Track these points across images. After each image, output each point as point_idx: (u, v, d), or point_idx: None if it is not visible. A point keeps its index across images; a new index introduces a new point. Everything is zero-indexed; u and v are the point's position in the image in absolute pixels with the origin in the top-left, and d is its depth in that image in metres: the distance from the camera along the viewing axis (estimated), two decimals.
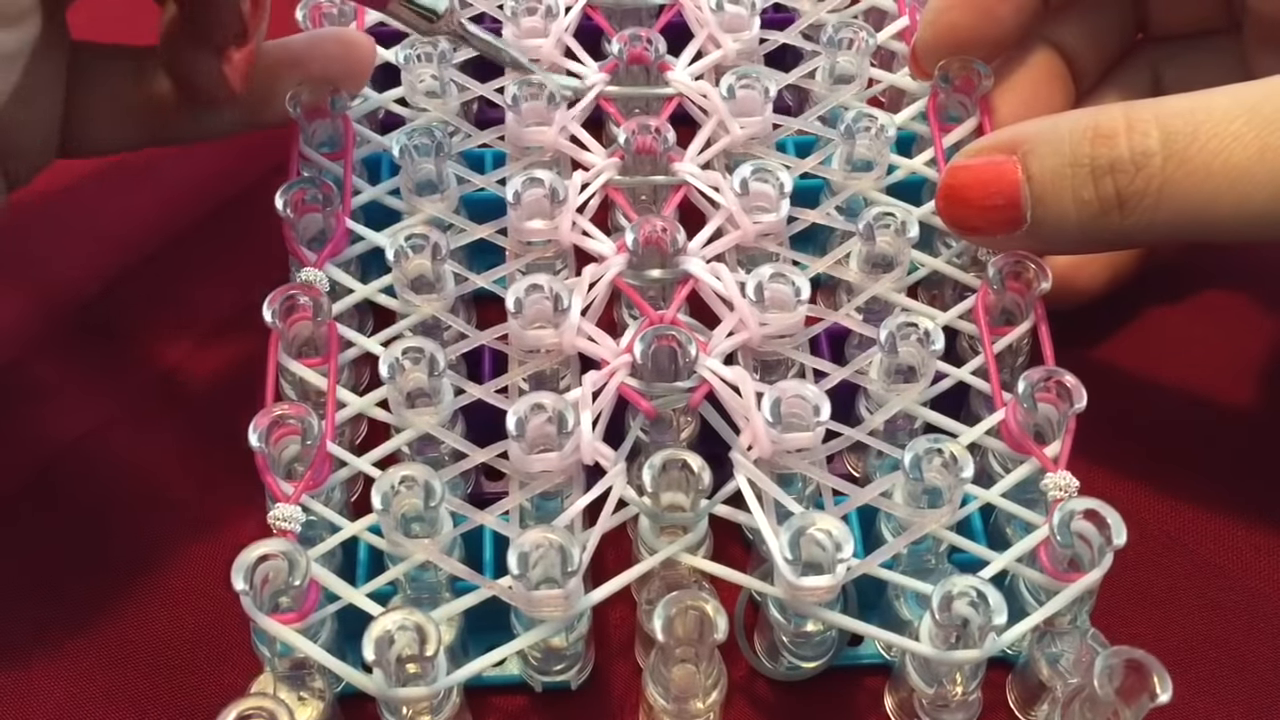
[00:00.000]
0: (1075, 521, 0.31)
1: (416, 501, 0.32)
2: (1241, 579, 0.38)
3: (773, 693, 0.36)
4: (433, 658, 0.29)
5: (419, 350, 0.34)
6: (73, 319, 0.44)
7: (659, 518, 0.33)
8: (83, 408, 0.42)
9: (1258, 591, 0.38)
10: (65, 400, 0.42)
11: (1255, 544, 0.39)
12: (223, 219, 0.47)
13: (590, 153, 0.40)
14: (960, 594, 0.30)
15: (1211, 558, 0.39)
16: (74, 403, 0.42)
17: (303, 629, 0.31)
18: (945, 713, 0.33)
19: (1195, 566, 0.38)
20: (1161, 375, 0.42)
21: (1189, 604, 0.38)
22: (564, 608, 0.31)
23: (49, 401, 0.42)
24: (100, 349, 0.43)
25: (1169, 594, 0.38)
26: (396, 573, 0.32)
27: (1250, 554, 0.39)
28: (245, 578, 0.30)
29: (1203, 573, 0.38)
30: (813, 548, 0.31)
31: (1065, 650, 0.33)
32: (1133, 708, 0.29)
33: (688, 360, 0.34)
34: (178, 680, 0.37)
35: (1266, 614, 0.38)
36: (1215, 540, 0.39)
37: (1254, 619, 0.37)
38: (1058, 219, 0.34)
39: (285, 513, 0.32)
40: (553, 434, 0.33)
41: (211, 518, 0.39)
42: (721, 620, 0.30)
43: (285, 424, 0.33)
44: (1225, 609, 0.38)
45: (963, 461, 0.32)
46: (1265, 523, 0.39)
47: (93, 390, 0.42)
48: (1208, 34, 0.41)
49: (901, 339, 0.35)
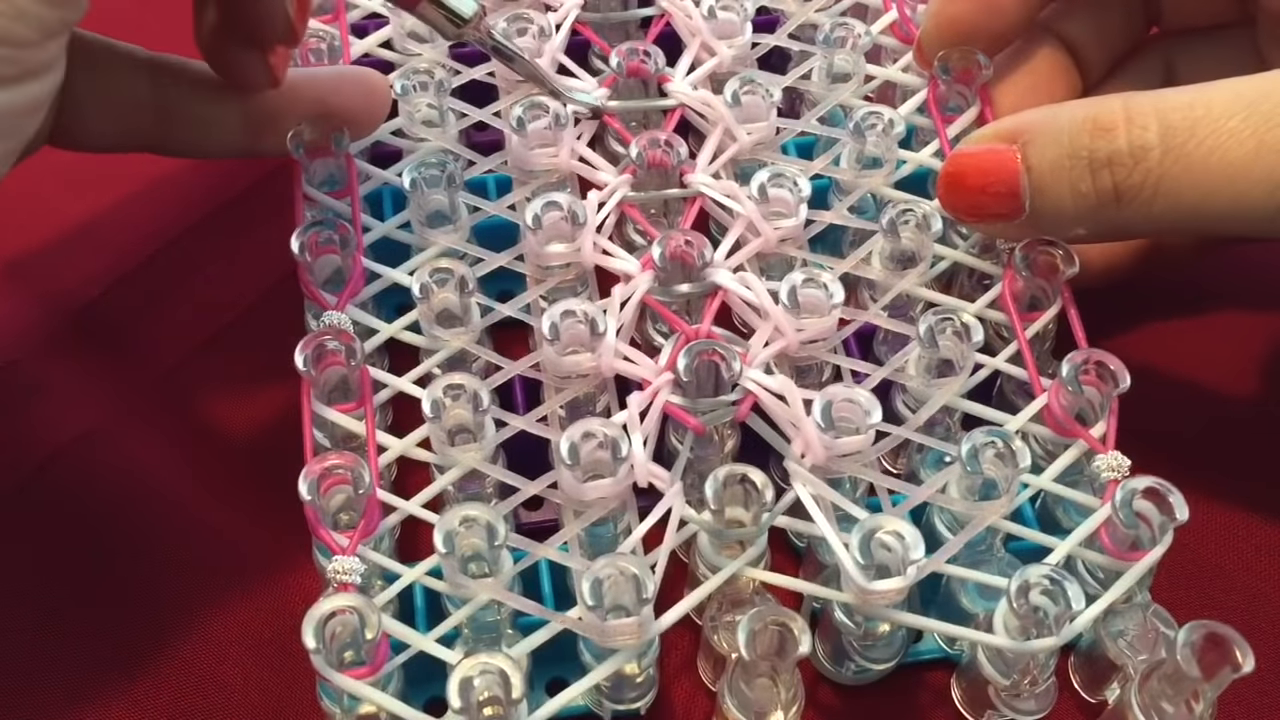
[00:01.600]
0: (1137, 501, 0.32)
1: (478, 541, 0.31)
2: (1241, 579, 0.39)
3: (838, 697, 0.36)
4: (518, 701, 0.29)
5: (459, 387, 0.33)
6: (73, 319, 0.44)
7: (722, 535, 0.32)
8: (82, 408, 0.41)
9: (1258, 591, 0.38)
10: (64, 400, 0.42)
11: (1255, 544, 0.39)
12: (222, 220, 0.46)
13: (600, 171, 0.39)
14: (1035, 583, 0.30)
15: (1211, 558, 0.39)
16: (73, 403, 0.42)
17: (373, 682, 0.30)
18: (1020, 701, 0.33)
19: (1195, 566, 0.39)
20: (1160, 375, 0.43)
21: (1190, 604, 0.38)
22: (638, 635, 0.31)
23: (48, 401, 0.42)
24: (100, 349, 0.43)
25: (1169, 594, 0.38)
26: (463, 615, 0.32)
27: (1250, 554, 0.39)
28: (316, 635, 0.29)
29: (1203, 573, 0.39)
30: (881, 551, 0.31)
31: (1129, 628, 0.33)
32: (1214, 680, 0.30)
33: (731, 374, 0.34)
34: (177, 680, 0.36)
35: (1266, 614, 0.38)
36: (1215, 540, 0.39)
37: (1254, 619, 0.38)
38: (1055, 209, 0.35)
39: (345, 565, 0.31)
40: (605, 459, 0.33)
41: (209, 517, 0.39)
42: (805, 636, 0.30)
43: (334, 474, 0.32)
44: (1225, 609, 0.38)
45: (1020, 452, 0.32)
46: (1265, 523, 0.39)
47: (92, 390, 0.42)
48: (1222, 27, 0.41)
49: (940, 333, 0.35)
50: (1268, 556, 0.39)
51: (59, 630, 0.37)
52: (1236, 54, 0.40)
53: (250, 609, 0.38)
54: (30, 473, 0.40)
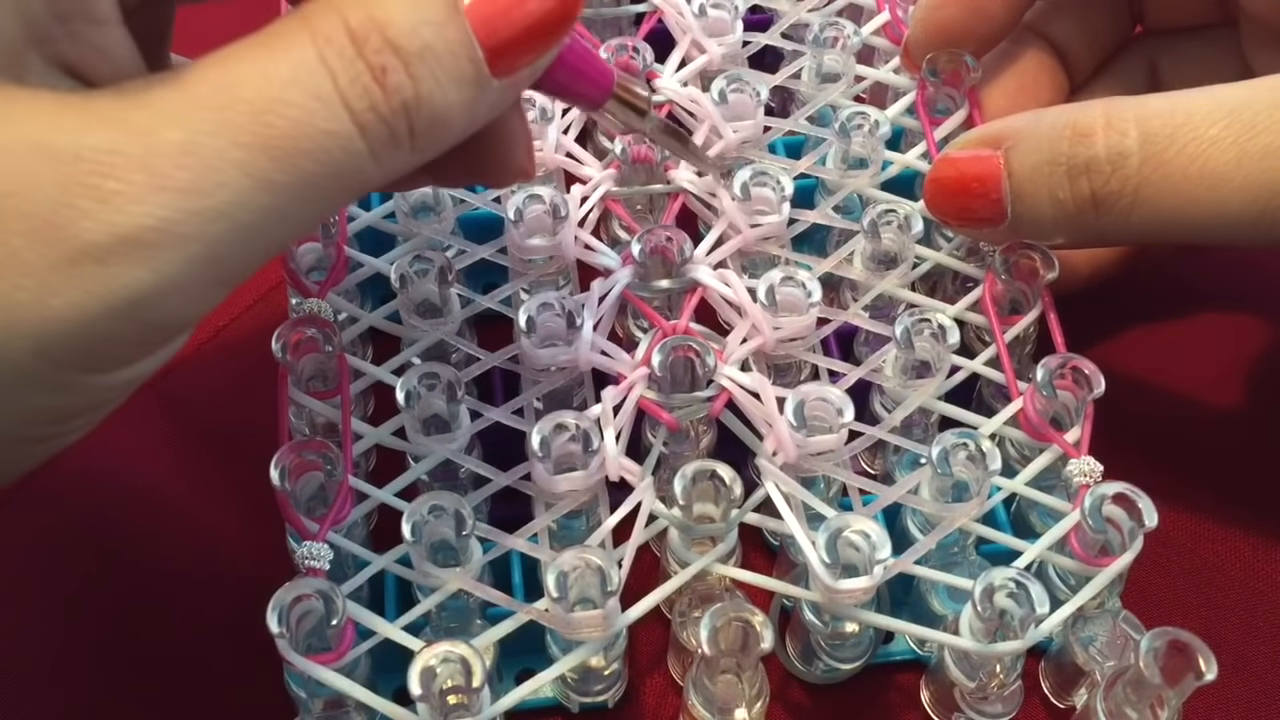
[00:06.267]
0: (1106, 506, 0.32)
1: (447, 530, 0.31)
2: (1241, 579, 0.39)
3: (808, 696, 0.36)
4: (479, 689, 0.29)
5: (435, 376, 0.33)
6: None
7: (691, 530, 0.33)
8: None
9: (1257, 591, 0.38)
10: None
11: (1254, 544, 0.39)
12: None
13: (585, 166, 0.39)
14: (1000, 586, 0.30)
15: (1211, 558, 0.39)
16: None
17: (339, 668, 0.31)
18: (986, 704, 0.33)
19: (1195, 566, 0.39)
20: (1159, 375, 0.43)
21: (1188, 604, 0.38)
22: (603, 628, 0.31)
23: None
24: None
25: (1169, 594, 0.38)
26: (430, 604, 0.32)
27: (1249, 554, 0.39)
28: (280, 620, 0.29)
29: (1202, 573, 0.39)
30: (848, 550, 0.31)
31: (1098, 634, 0.33)
32: (1177, 688, 0.30)
33: (706, 370, 0.34)
34: (177, 679, 0.37)
35: (1266, 614, 0.38)
36: (1215, 540, 0.39)
37: (1253, 619, 0.38)
38: (1034, 215, 0.35)
39: (314, 551, 0.31)
40: (576, 452, 0.33)
41: (208, 518, 0.39)
42: (768, 632, 0.30)
43: (306, 460, 0.32)
44: (1224, 609, 0.38)
45: (990, 455, 0.32)
46: (1265, 523, 0.39)
47: None
48: (1205, 28, 0.41)
49: (916, 335, 0.35)
50: (1267, 556, 0.39)
51: (59, 630, 0.37)
52: (1219, 54, 0.40)
53: (250, 608, 0.38)
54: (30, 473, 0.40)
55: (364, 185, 0.25)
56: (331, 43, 0.24)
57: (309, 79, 0.23)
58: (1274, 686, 0.36)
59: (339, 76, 0.24)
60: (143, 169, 0.22)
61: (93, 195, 0.22)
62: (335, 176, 0.24)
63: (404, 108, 0.24)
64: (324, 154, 0.24)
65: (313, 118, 0.23)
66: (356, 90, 0.24)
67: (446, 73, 0.24)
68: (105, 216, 0.22)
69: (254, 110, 0.23)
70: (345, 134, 0.24)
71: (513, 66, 0.25)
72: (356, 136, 0.24)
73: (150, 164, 0.22)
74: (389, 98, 0.24)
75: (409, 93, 0.24)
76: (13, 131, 0.22)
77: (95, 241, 0.22)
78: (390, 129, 0.24)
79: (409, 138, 0.25)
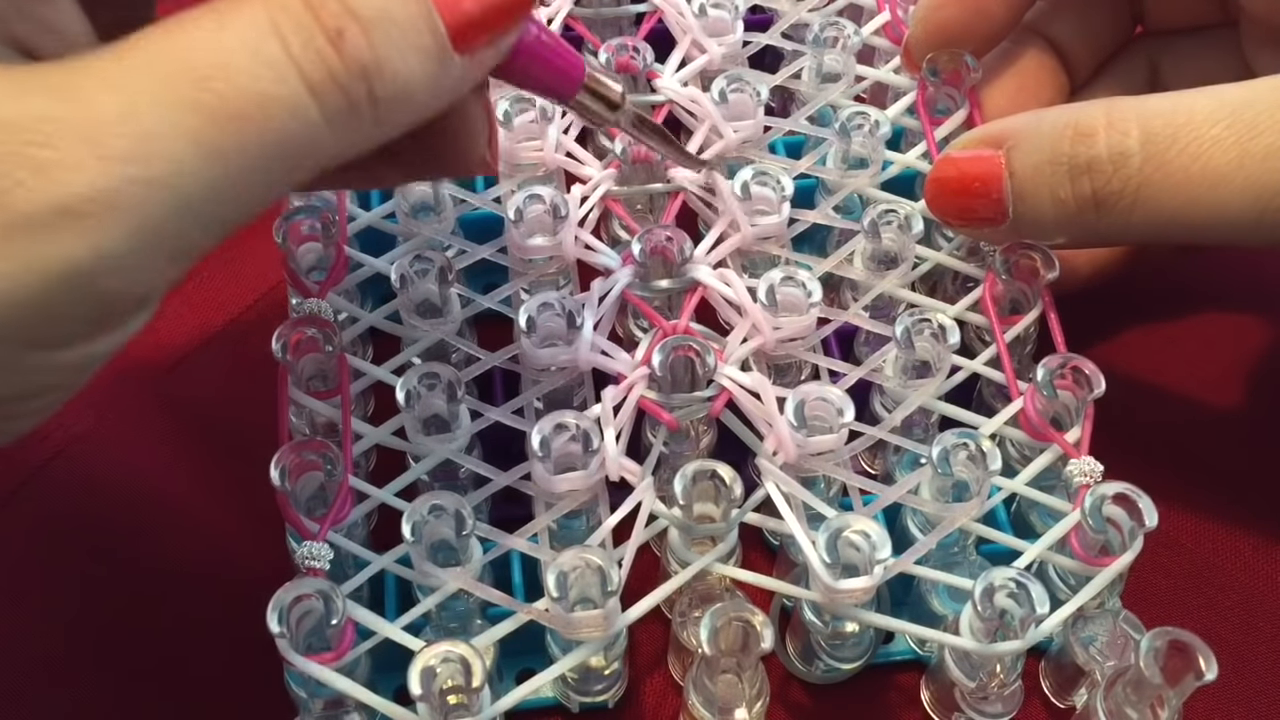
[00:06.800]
0: (1106, 506, 0.32)
1: (447, 530, 0.31)
2: (1240, 579, 0.39)
3: (808, 696, 0.36)
4: (479, 689, 0.29)
5: (435, 376, 0.33)
6: None
7: (691, 530, 0.33)
8: (81, 409, 0.41)
9: (1256, 592, 0.38)
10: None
11: (1254, 544, 0.39)
12: None
13: (585, 166, 0.39)
14: (1001, 586, 0.30)
15: (1210, 558, 0.39)
16: (72, 404, 0.41)
17: (339, 668, 0.31)
18: (986, 704, 0.33)
19: (1194, 566, 0.39)
20: (1159, 375, 0.43)
21: (1188, 604, 0.38)
22: (603, 628, 0.31)
23: None
24: None
25: (1168, 594, 0.38)
26: (430, 604, 0.32)
27: (1249, 554, 0.39)
28: (281, 619, 0.29)
29: (1202, 573, 0.39)
30: (849, 550, 0.31)
31: (1098, 634, 0.33)
32: (1177, 688, 0.30)
33: (706, 369, 0.34)
34: (177, 678, 0.37)
35: (1265, 614, 0.38)
36: (1214, 540, 0.39)
37: (1252, 619, 0.38)
38: (1036, 215, 0.35)
39: (314, 551, 0.31)
40: (577, 452, 0.33)
41: (208, 518, 0.39)
42: (768, 632, 0.30)
43: (306, 460, 0.32)
44: (1223, 609, 0.38)
45: (990, 455, 0.32)
46: (1264, 523, 0.39)
47: (91, 391, 0.41)
48: (1206, 28, 0.41)
49: (916, 335, 0.35)
50: (1266, 557, 0.39)
51: (59, 629, 0.37)
52: (1220, 54, 0.40)
53: (250, 608, 0.38)
54: (30, 473, 0.40)
55: (321, 156, 0.24)
56: (285, 7, 0.23)
57: (258, 42, 0.22)
58: (1274, 686, 0.37)
59: (290, 40, 0.23)
60: (80, 137, 0.21)
61: (28, 165, 0.21)
62: (288, 145, 0.23)
63: (362, 73, 0.23)
64: (274, 121, 0.23)
65: (258, 82, 0.22)
66: (309, 54, 0.23)
67: (407, 41, 0.24)
68: (41, 186, 0.21)
69: (198, 76, 0.22)
70: (296, 99, 0.23)
71: (474, 42, 0.25)
72: (309, 103, 0.23)
73: (88, 132, 0.21)
74: (346, 62, 0.23)
75: (367, 57, 0.23)
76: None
77: (29, 212, 0.21)
78: (347, 95, 0.23)
79: (370, 106, 0.24)
